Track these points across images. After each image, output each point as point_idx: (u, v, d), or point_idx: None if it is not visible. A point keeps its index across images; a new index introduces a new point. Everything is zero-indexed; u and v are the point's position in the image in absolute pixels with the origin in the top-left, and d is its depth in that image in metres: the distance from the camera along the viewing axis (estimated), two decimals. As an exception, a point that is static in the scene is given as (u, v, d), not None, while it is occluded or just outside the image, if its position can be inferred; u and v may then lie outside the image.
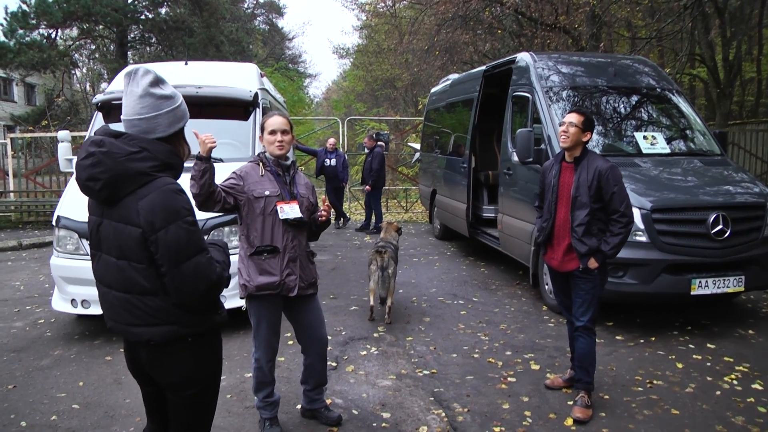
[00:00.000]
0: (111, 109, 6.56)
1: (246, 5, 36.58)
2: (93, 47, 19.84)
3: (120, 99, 6.82)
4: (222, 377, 4.56)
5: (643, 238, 5.22)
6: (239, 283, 3.51)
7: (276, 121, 3.51)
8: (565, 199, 3.94)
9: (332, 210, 3.86)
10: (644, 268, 5.20)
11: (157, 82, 2.17)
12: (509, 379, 4.48)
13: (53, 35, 17.25)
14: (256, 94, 6.70)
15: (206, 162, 3.15)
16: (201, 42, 19.44)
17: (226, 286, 2.49)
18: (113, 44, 18.96)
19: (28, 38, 16.23)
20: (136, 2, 18.60)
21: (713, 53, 13.64)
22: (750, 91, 18.31)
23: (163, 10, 19.10)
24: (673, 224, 5.30)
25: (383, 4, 25.07)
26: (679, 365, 4.70)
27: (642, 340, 5.28)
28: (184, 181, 2.52)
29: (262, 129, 3.52)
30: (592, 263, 3.82)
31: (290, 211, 3.46)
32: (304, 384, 3.83)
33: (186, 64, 7.45)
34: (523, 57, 7.30)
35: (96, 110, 6.62)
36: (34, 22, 16.56)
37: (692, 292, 5.18)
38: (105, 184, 2.07)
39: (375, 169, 11.64)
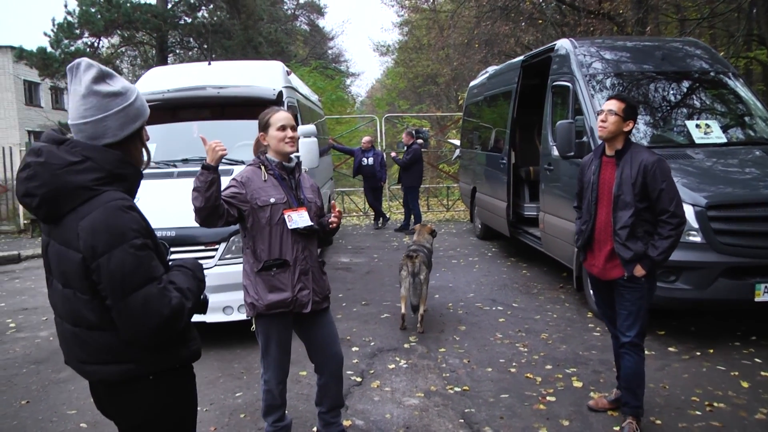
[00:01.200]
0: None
1: (286, 6, 36.72)
2: (135, 53, 20.18)
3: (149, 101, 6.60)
4: (237, 393, 4.36)
5: (698, 238, 4.69)
6: (246, 302, 3.21)
7: (284, 116, 3.20)
8: (606, 199, 3.50)
9: (342, 215, 3.53)
10: (699, 271, 4.68)
11: (103, 77, 1.83)
12: (548, 398, 4.06)
13: (96, 43, 17.61)
14: (281, 93, 6.46)
15: (213, 172, 2.86)
16: (239, 44, 19.44)
17: (203, 312, 2.19)
18: (154, 49, 19.22)
19: (72, 47, 16.58)
20: (175, 8, 18.75)
21: (775, 33, 12.63)
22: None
23: (200, 14, 19.25)
24: (731, 222, 4.75)
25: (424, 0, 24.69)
26: (745, 384, 4.15)
27: (698, 353, 4.76)
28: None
29: (266, 126, 3.18)
30: (639, 270, 3.37)
31: (299, 219, 3.14)
32: (319, 406, 3.51)
33: (209, 64, 7.28)
34: (563, 44, 6.81)
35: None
36: (78, 31, 16.89)
37: (756, 299, 4.62)
38: (42, 200, 1.76)
39: (405, 163, 11.23)
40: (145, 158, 2.02)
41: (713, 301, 4.77)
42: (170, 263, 2.06)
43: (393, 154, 12.37)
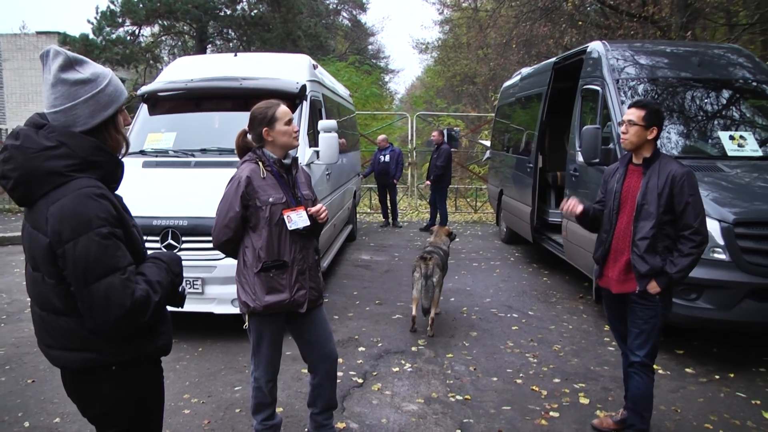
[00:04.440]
0: (158, 101, 6.46)
1: (329, 1, 36.78)
2: (174, 43, 20.50)
3: (166, 90, 6.60)
4: (237, 388, 4.32)
5: (723, 256, 4.45)
6: (240, 299, 3.14)
7: (287, 110, 3.11)
8: (629, 207, 3.33)
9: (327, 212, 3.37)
10: (723, 291, 4.44)
11: (71, 64, 1.80)
12: (552, 413, 3.90)
13: (137, 32, 17.95)
14: (304, 87, 6.41)
15: None
16: (278, 37, 19.54)
17: (180, 306, 2.14)
18: (193, 40, 19.48)
19: (113, 35, 16.94)
20: (215, -1, 19.02)
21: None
22: None
23: (240, 6, 19.42)
24: (760, 241, 4.49)
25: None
26: (767, 415, 3.90)
27: (717, 376, 4.52)
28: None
29: (272, 120, 3.03)
30: (653, 287, 3.20)
31: (298, 219, 3.04)
32: (312, 407, 3.44)
33: (235, 55, 7.29)
34: (595, 46, 6.58)
35: (141, 102, 6.53)
36: (120, 20, 17.27)
37: (784, 323, 4.37)
38: (16, 183, 1.77)
39: (439, 165, 11.18)
40: (124, 147, 1.98)
41: (738, 323, 4.53)
42: (148, 254, 2.04)
43: (435, 133, 11.73)
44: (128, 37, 17.51)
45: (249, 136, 3.15)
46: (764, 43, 14.69)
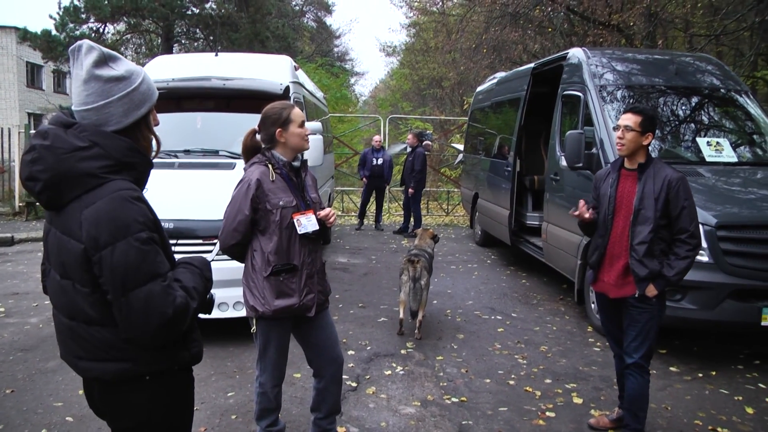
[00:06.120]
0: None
1: (294, 2, 36.56)
2: (140, 41, 20.04)
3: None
4: (230, 393, 4.25)
5: (705, 258, 4.60)
6: (248, 303, 3.08)
7: (301, 112, 3.08)
8: (625, 212, 3.40)
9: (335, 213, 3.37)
10: (706, 292, 4.59)
11: (105, 60, 1.72)
12: (548, 413, 3.96)
13: (101, 29, 17.46)
14: (287, 88, 6.36)
15: None
16: (246, 37, 19.31)
17: (209, 312, 2.10)
18: (159, 38, 19.10)
19: (77, 32, 16.44)
20: (183, -3, 18.67)
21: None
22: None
23: (208, 5, 19.12)
24: (741, 243, 4.67)
25: (433, 2, 24.59)
26: (749, 410, 4.05)
27: (701, 374, 4.67)
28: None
29: (287, 122, 2.99)
30: (651, 290, 3.27)
31: (308, 223, 3.02)
32: (315, 411, 3.39)
33: (216, 54, 7.18)
34: (576, 53, 6.72)
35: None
36: (84, 16, 16.78)
37: (763, 323, 4.53)
38: (45, 185, 1.68)
39: (417, 170, 11.15)
40: (155, 146, 1.93)
41: (719, 323, 4.68)
42: (176, 260, 1.98)
43: (410, 136, 11.68)
44: (92, 35, 17.02)
45: (258, 136, 3.10)
46: (718, 54, 15.27)
